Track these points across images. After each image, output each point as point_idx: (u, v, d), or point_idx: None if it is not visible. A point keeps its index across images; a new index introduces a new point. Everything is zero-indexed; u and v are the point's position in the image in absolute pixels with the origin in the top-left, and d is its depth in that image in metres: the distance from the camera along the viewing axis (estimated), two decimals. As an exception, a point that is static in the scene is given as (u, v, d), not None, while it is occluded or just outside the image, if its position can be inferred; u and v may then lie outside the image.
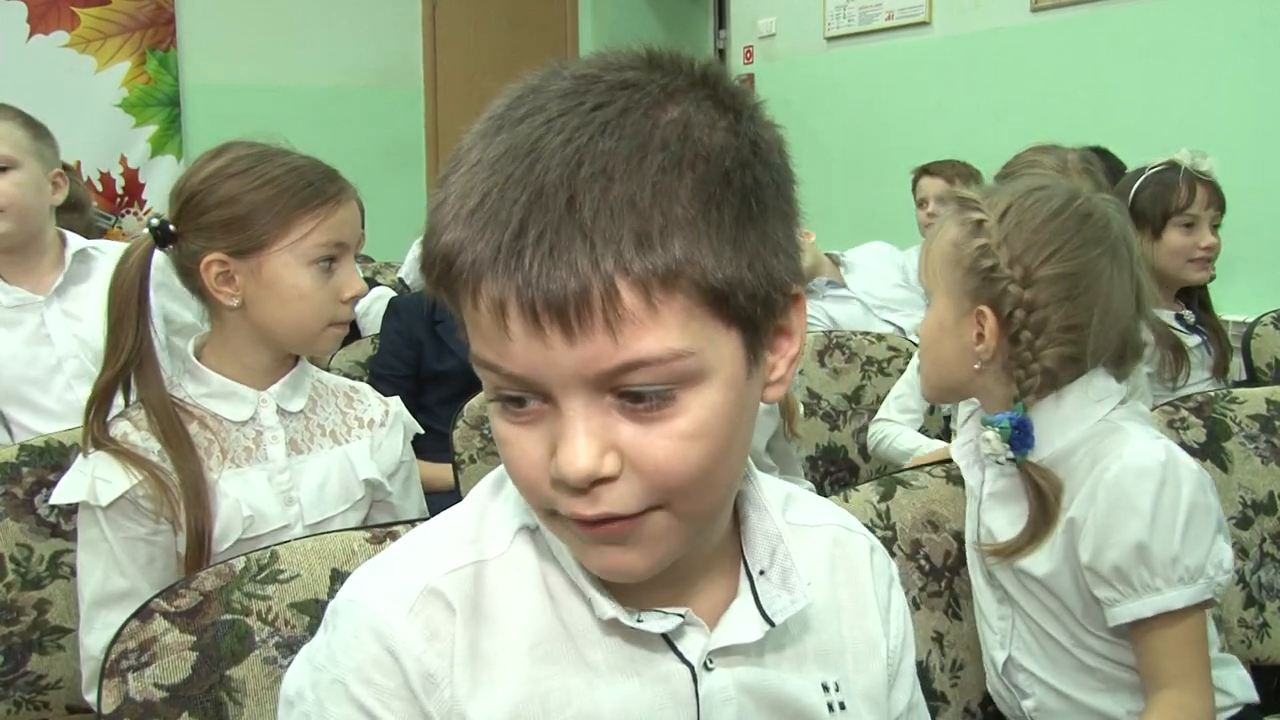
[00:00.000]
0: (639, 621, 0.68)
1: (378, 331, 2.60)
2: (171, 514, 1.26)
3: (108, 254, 2.02)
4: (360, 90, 5.83)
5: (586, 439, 0.59)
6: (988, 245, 1.20)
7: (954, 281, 1.24)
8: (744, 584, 0.73)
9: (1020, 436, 1.20)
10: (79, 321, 1.97)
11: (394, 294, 3.02)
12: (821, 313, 3.09)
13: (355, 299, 1.38)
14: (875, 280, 3.19)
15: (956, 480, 1.40)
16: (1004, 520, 1.25)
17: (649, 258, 0.56)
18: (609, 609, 0.67)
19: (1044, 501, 1.20)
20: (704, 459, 0.61)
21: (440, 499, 1.31)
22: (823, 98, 4.58)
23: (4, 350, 1.93)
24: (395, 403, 1.49)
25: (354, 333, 2.82)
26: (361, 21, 5.83)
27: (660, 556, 0.64)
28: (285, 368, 1.39)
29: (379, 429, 1.45)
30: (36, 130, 1.99)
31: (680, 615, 0.69)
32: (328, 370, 2.38)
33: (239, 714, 0.98)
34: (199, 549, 1.27)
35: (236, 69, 5.44)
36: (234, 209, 1.28)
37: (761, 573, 0.73)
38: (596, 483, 0.60)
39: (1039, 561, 1.21)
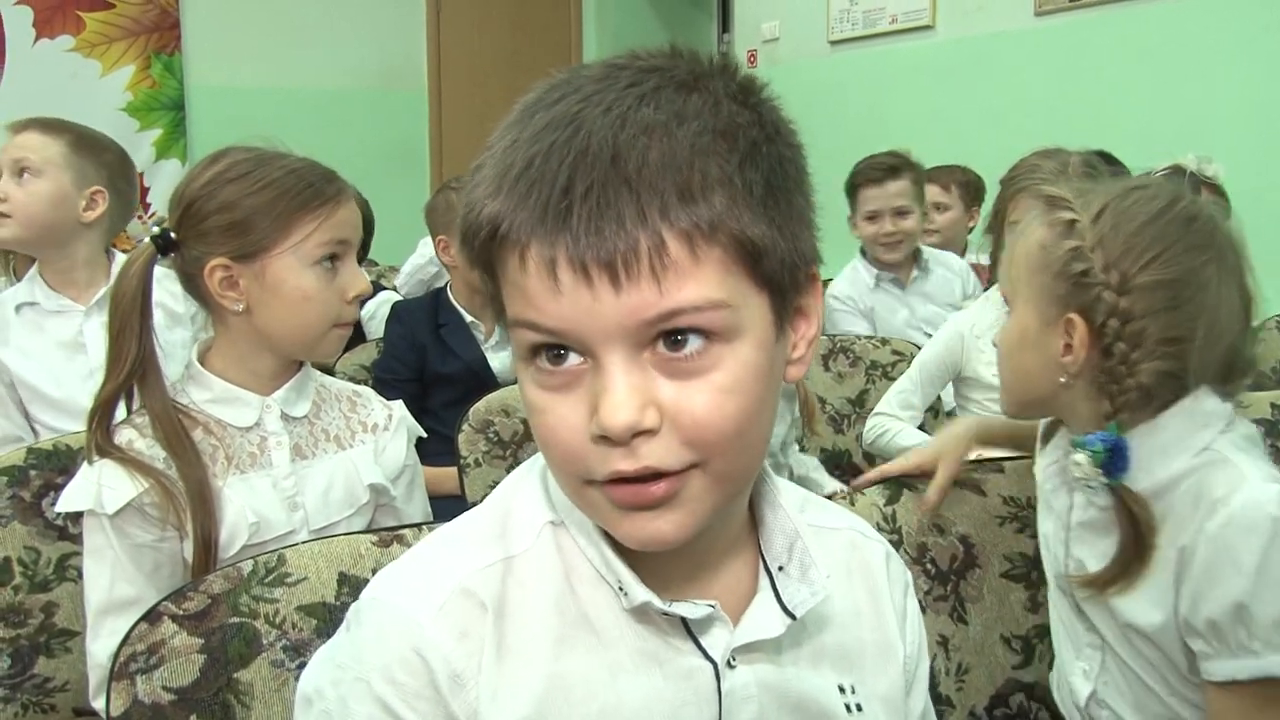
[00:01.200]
0: (670, 606, 0.68)
1: (382, 335, 2.60)
2: (178, 521, 1.26)
3: None
4: (364, 93, 5.84)
5: (628, 391, 0.60)
6: (1080, 248, 1.10)
7: (1040, 286, 1.14)
8: (763, 580, 0.74)
9: (1115, 460, 1.09)
10: None
11: (399, 298, 3.02)
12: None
13: (360, 298, 1.37)
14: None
15: (963, 484, 1.40)
16: (1096, 552, 1.16)
17: (693, 209, 0.59)
18: (642, 593, 0.68)
19: (1138, 532, 1.09)
20: (739, 414, 0.62)
21: (445, 504, 1.32)
22: (826, 101, 4.59)
23: (36, 350, 1.95)
24: (398, 407, 1.50)
25: (359, 336, 2.82)
26: (365, 24, 5.84)
27: (692, 523, 0.64)
28: (289, 373, 1.39)
29: (382, 433, 1.45)
30: (81, 146, 1.97)
31: (710, 606, 0.69)
32: (332, 374, 2.41)
33: (246, 717, 0.98)
34: (205, 555, 1.27)
35: (241, 72, 5.45)
36: (234, 214, 1.28)
37: (780, 568, 0.73)
38: (637, 435, 0.61)
39: (1147, 612, 1.10)
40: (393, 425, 1.47)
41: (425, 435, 1.56)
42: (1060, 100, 3.87)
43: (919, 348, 2.45)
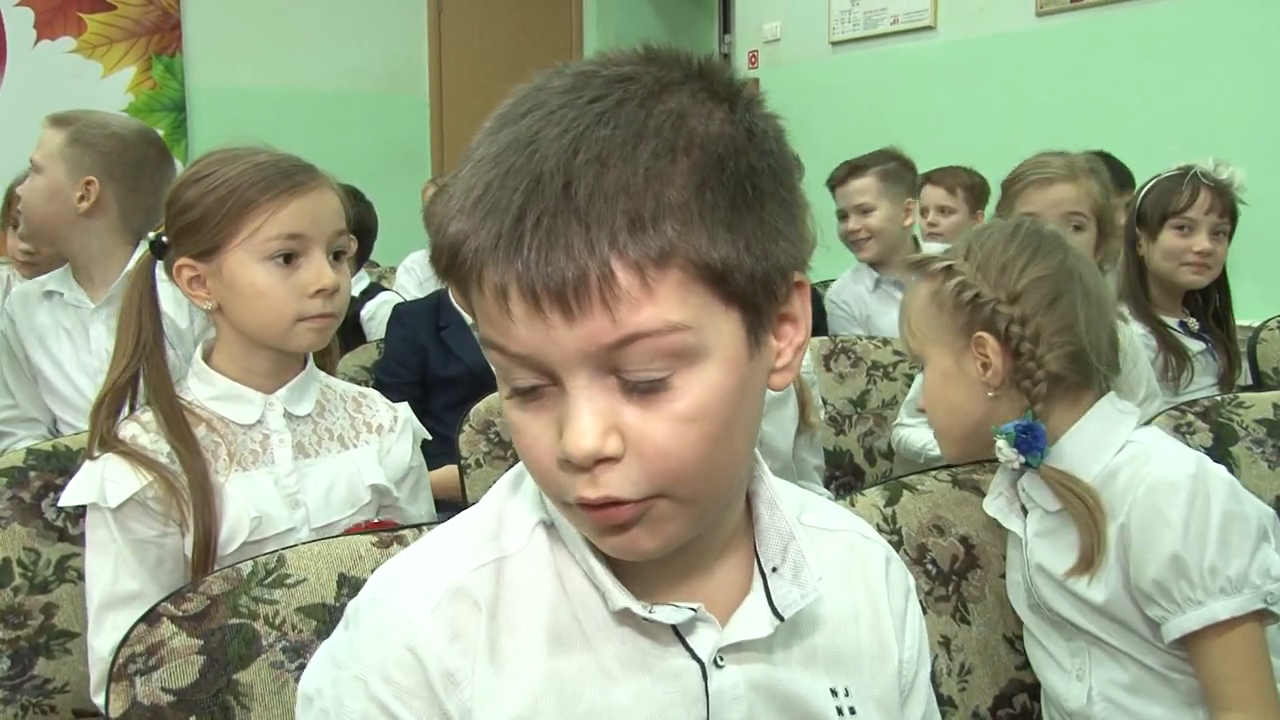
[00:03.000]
0: (650, 612, 0.68)
1: (382, 336, 2.60)
2: (180, 516, 1.27)
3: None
4: (366, 95, 5.84)
5: (591, 417, 0.60)
6: (964, 280, 1.26)
7: (942, 327, 1.29)
8: (756, 581, 0.73)
9: (1029, 440, 1.21)
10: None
11: (399, 299, 3.02)
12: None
13: (326, 292, 1.32)
14: None
15: (963, 484, 1.40)
16: (1054, 553, 1.25)
17: (642, 240, 0.58)
18: (621, 599, 0.68)
19: (1090, 511, 1.19)
20: (702, 441, 0.62)
21: (447, 508, 1.31)
22: (827, 102, 4.59)
23: (49, 339, 2.00)
24: (404, 408, 1.49)
25: (359, 337, 2.82)
26: (367, 26, 5.84)
27: (667, 538, 0.65)
28: (291, 371, 1.39)
29: (388, 434, 1.45)
30: (79, 136, 1.96)
31: (693, 609, 0.69)
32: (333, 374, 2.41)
33: (246, 718, 0.98)
34: (205, 551, 1.27)
35: (242, 74, 5.45)
36: (190, 214, 1.30)
37: (774, 570, 0.73)
38: (599, 462, 0.61)
39: (1095, 590, 1.20)
40: (398, 427, 1.46)
41: (430, 438, 1.55)
42: (1062, 101, 3.86)
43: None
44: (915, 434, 2.10)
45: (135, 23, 5.25)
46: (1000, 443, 1.23)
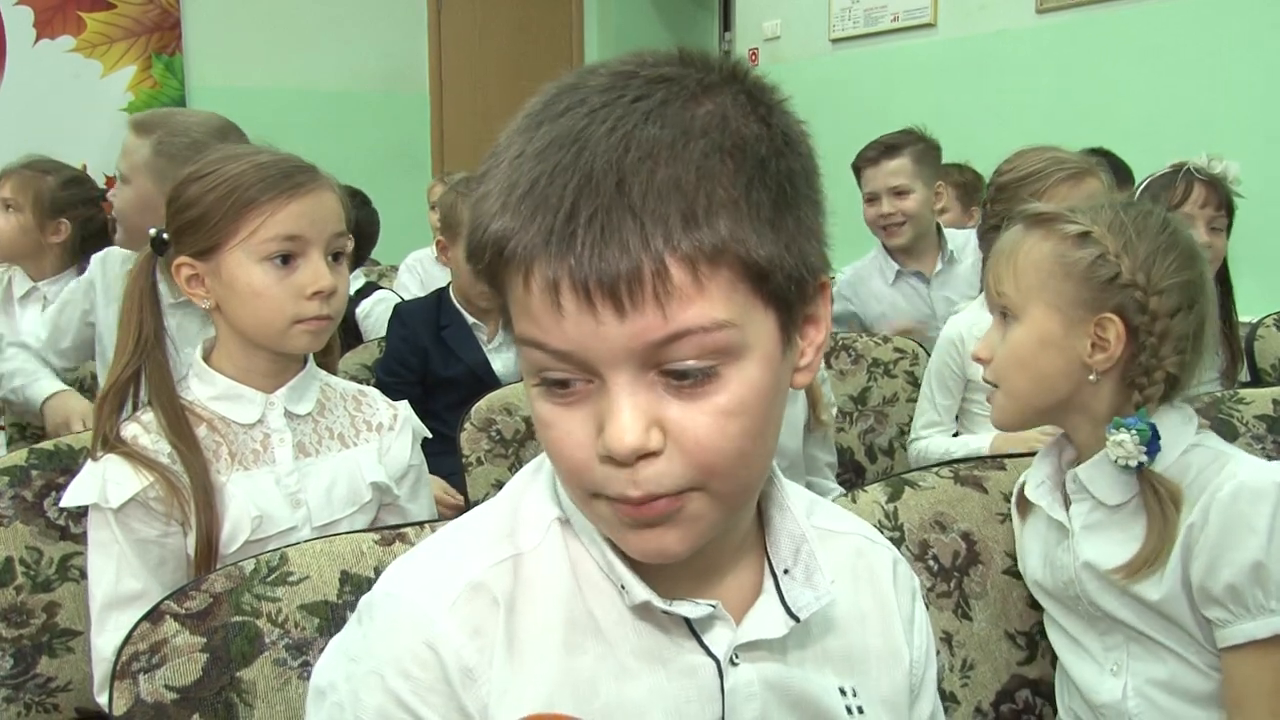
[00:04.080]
0: (670, 606, 0.68)
1: (381, 335, 2.60)
2: (182, 515, 1.27)
3: None
4: (366, 95, 5.84)
5: (633, 413, 0.60)
6: (1104, 254, 1.19)
7: (1057, 292, 1.21)
8: (768, 581, 0.74)
9: (1153, 441, 1.17)
10: None
11: (397, 298, 3.01)
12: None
13: (323, 294, 1.32)
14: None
15: (964, 481, 1.40)
16: (1109, 547, 1.21)
17: (696, 235, 0.58)
18: (642, 592, 0.68)
19: (1165, 510, 1.16)
20: (742, 436, 0.62)
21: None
22: (828, 100, 4.58)
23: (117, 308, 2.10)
24: (404, 407, 1.50)
25: (355, 336, 2.82)
26: (367, 26, 5.84)
27: (696, 538, 0.65)
28: (291, 371, 1.39)
29: (387, 433, 1.45)
30: (156, 147, 1.96)
31: (712, 606, 0.70)
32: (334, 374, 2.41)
33: (249, 716, 0.98)
34: (208, 551, 1.28)
35: (242, 73, 5.45)
36: (191, 212, 1.31)
37: (786, 571, 0.74)
38: (641, 458, 0.61)
39: (1153, 589, 1.18)
40: (398, 425, 1.47)
41: (431, 436, 1.55)
42: (1063, 98, 3.86)
43: (921, 347, 2.45)
44: (933, 444, 2.09)
45: (135, 22, 5.25)
46: (1123, 437, 1.16)
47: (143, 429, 1.31)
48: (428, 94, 6.12)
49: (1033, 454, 1.36)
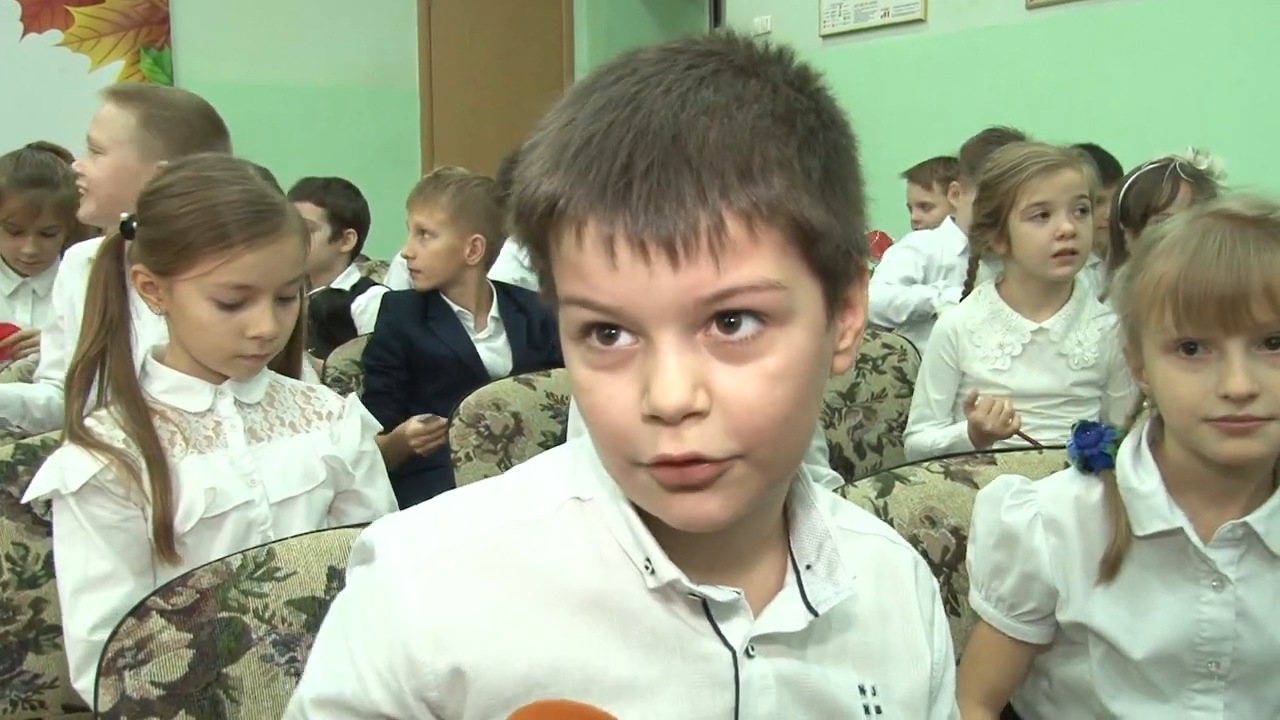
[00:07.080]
0: (697, 587, 0.68)
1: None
2: (141, 499, 1.29)
3: None
4: (355, 90, 5.82)
5: (680, 371, 0.60)
6: None
7: None
8: (790, 577, 0.74)
9: None
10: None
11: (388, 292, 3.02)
12: None
13: (260, 339, 1.35)
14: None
15: (954, 476, 1.40)
16: (1270, 601, 1.14)
17: (753, 190, 0.59)
18: (670, 571, 0.68)
19: None
20: (788, 402, 0.63)
21: (418, 486, 1.31)
22: (818, 96, 4.59)
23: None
24: (352, 398, 1.53)
25: (350, 331, 2.83)
26: (357, 21, 5.82)
27: (738, 505, 0.65)
28: None
29: (338, 421, 1.48)
30: (145, 118, 1.94)
31: (736, 592, 0.70)
32: (325, 368, 2.42)
33: (236, 712, 0.98)
34: (165, 529, 1.29)
35: (231, 68, 5.43)
36: (158, 231, 1.34)
37: (808, 567, 0.74)
38: (687, 416, 0.61)
39: None
40: (346, 413, 1.50)
41: (381, 429, 1.59)
42: (1052, 94, 3.87)
43: (907, 340, 2.46)
44: (923, 436, 2.09)
45: (123, 15, 5.24)
46: None
47: (97, 422, 1.34)
48: (417, 90, 6.10)
49: (1007, 442, 1.33)
